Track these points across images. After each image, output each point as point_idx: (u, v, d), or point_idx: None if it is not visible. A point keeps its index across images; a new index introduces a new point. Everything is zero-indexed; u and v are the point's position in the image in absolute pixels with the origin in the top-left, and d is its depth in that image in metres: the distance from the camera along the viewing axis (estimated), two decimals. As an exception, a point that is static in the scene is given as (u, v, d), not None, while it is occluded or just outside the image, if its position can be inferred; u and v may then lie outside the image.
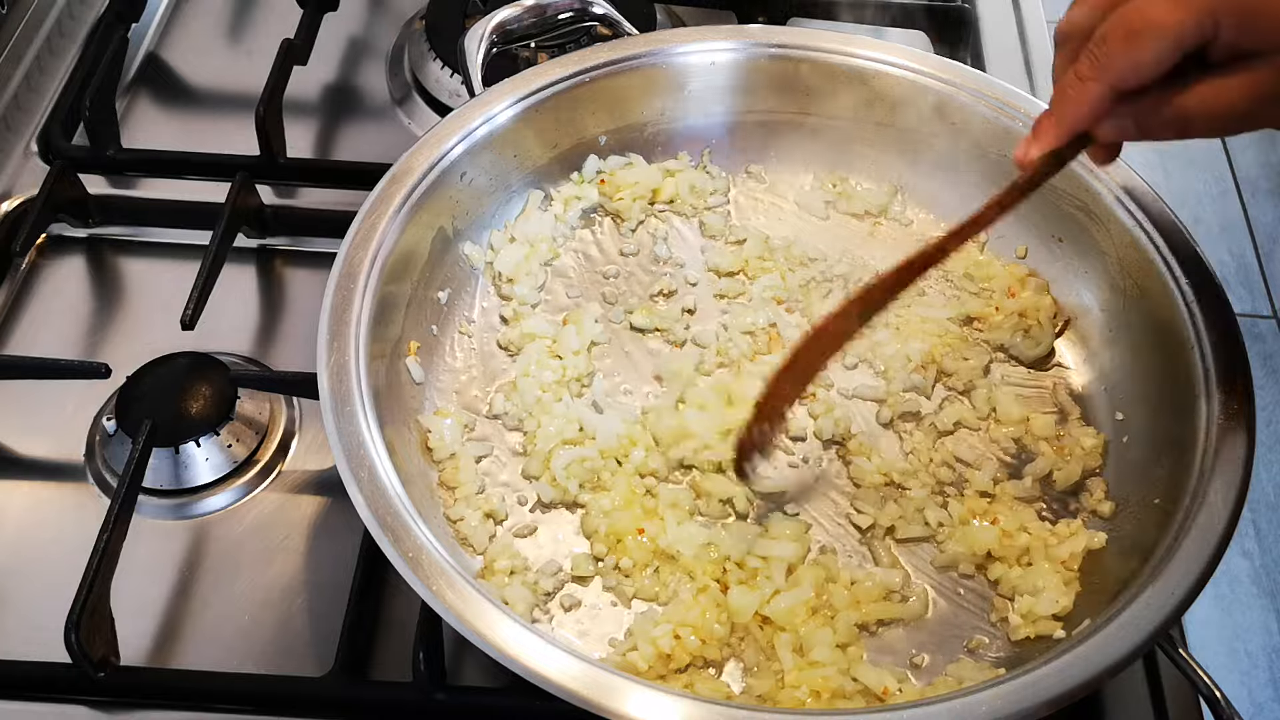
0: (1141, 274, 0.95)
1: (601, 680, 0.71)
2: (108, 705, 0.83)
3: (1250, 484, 0.81)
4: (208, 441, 0.94)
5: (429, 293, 0.99)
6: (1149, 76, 0.72)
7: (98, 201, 1.12)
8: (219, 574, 0.90)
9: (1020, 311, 1.02)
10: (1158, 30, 0.70)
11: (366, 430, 0.81)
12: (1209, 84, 0.72)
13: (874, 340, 1.01)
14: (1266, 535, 2.43)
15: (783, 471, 0.94)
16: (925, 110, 1.05)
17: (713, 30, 1.09)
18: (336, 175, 1.14)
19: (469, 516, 0.88)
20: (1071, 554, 0.87)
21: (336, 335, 0.86)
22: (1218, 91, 0.71)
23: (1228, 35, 0.70)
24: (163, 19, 1.33)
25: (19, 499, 0.95)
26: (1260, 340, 2.74)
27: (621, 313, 1.03)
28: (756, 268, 1.06)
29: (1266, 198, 3.01)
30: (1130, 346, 0.96)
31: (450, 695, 0.82)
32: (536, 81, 1.03)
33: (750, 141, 1.12)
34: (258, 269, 1.11)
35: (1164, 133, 0.75)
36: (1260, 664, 2.25)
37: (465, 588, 0.74)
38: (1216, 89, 0.71)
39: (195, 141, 1.17)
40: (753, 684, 0.82)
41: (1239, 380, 0.86)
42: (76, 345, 1.04)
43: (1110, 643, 0.73)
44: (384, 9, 1.36)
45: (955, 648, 0.85)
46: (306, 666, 0.85)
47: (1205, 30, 0.70)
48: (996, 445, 0.96)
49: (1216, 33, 0.70)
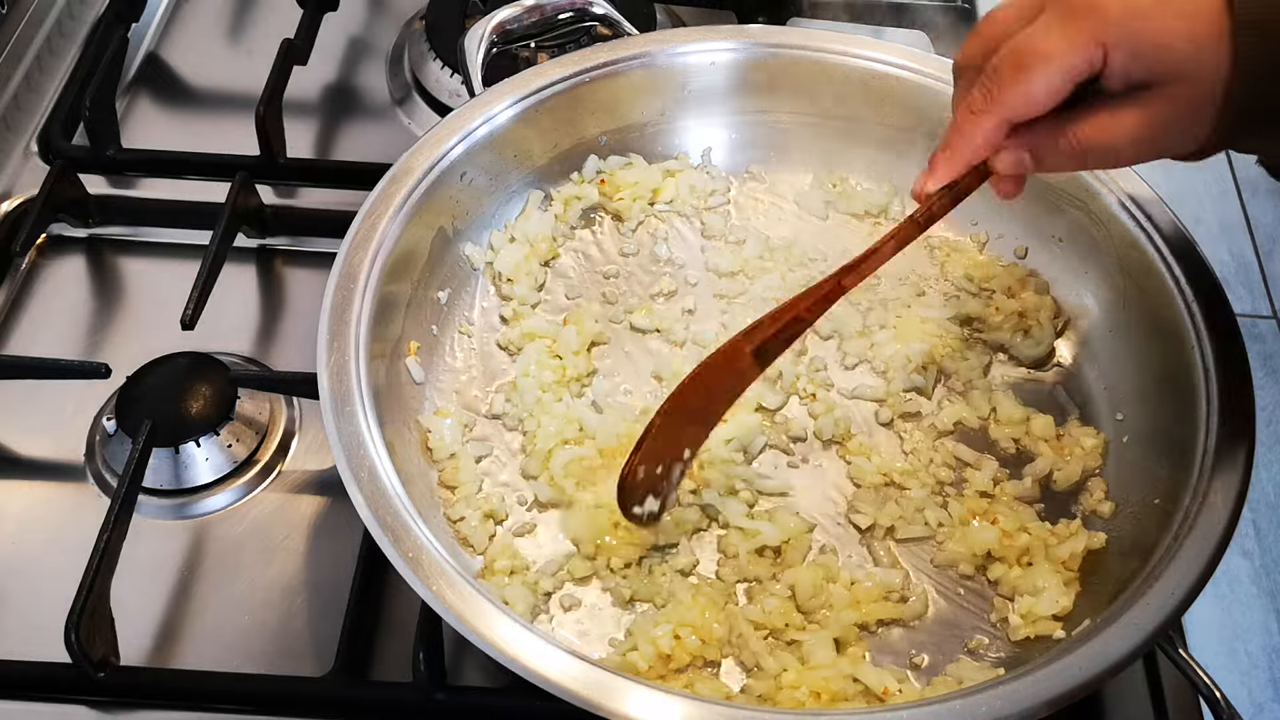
0: (1141, 274, 0.95)
1: (601, 680, 0.71)
2: (108, 705, 0.83)
3: (1250, 484, 0.81)
4: (208, 441, 0.94)
5: (429, 293, 0.99)
6: (1041, 107, 0.72)
7: (98, 201, 1.12)
8: (219, 574, 0.90)
9: (1020, 311, 1.02)
10: (1046, 60, 0.70)
11: (366, 430, 0.81)
12: (1104, 114, 0.71)
13: (874, 340, 1.01)
14: (1266, 535, 2.43)
15: (783, 471, 0.94)
16: (925, 110, 1.05)
17: (713, 30, 1.09)
18: (336, 175, 1.14)
19: (469, 516, 0.88)
20: (1071, 554, 0.87)
21: (336, 335, 0.86)
22: (1113, 122, 0.71)
23: (1118, 65, 0.69)
24: (163, 19, 1.33)
25: (19, 499, 0.95)
26: (1260, 340, 2.74)
27: (621, 313, 1.03)
28: (756, 268, 1.06)
29: (1266, 198, 3.00)
30: (1130, 347, 0.96)
31: (450, 695, 0.82)
32: (536, 81, 1.03)
33: (750, 141, 1.12)
34: (258, 269, 1.11)
35: (1062, 163, 0.75)
36: (1260, 664, 2.25)
37: (465, 588, 0.74)
38: (1112, 119, 0.71)
39: (195, 141, 1.17)
40: (753, 684, 0.82)
41: (1239, 380, 0.86)
42: (76, 345, 1.04)
43: (1110, 643, 0.73)
44: (384, 9, 1.36)
45: (955, 648, 0.85)
46: (306, 666, 0.85)
47: (1094, 60, 0.69)
48: (996, 445, 0.96)
49: (1106, 63, 0.69)
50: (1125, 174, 0.97)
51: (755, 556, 0.88)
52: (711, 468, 0.92)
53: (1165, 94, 0.69)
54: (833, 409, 0.97)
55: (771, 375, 0.98)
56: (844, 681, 0.80)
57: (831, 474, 0.94)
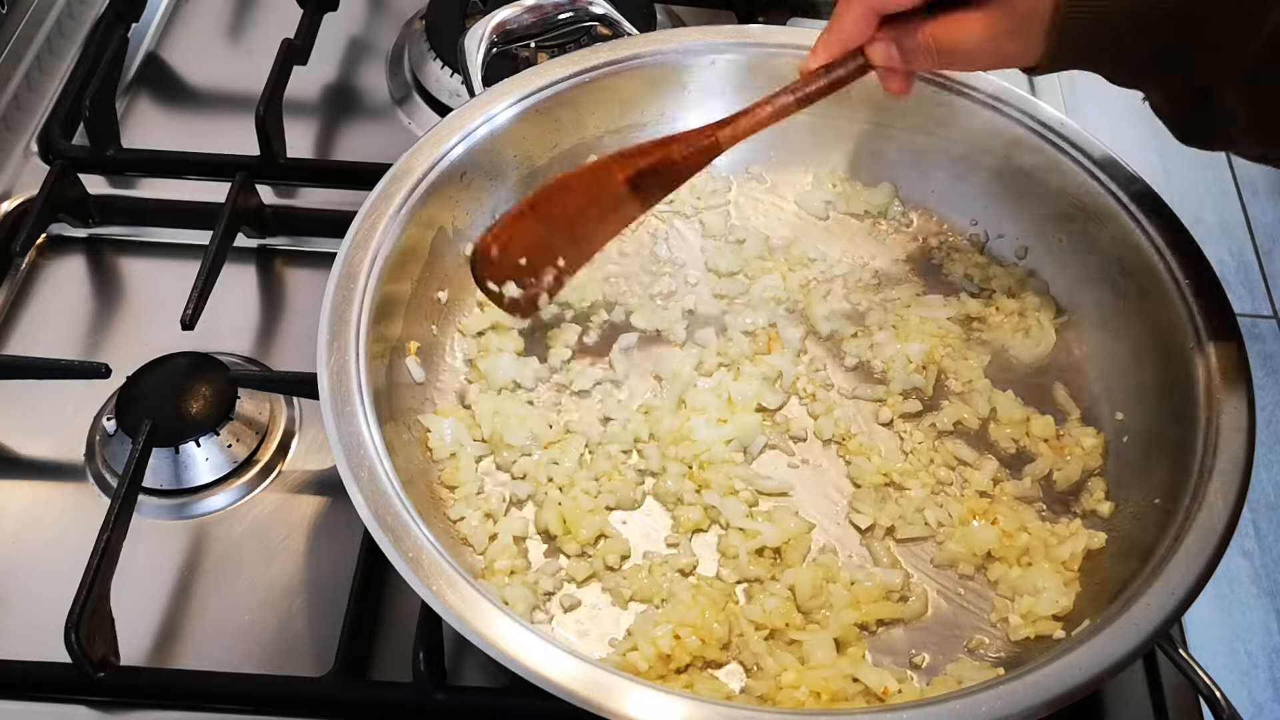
0: (1141, 274, 0.95)
1: (601, 680, 0.71)
2: (108, 705, 0.83)
3: (1250, 484, 0.81)
4: (208, 441, 0.94)
5: (429, 293, 0.98)
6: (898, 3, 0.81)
7: (98, 201, 1.12)
8: (219, 574, 0.90)
9: (1020, 311, 1.02)
10: None
11: (366, 430, 0.81)
12: (955, 16, 0.80)
13: (874, 340, 1.01)
14: (1266, 535, 2.43)
15: (783, 471, 0.94)
16: (924, 110, 1.05)
17: (713, 30, 1.09)
18: (336, 175, 1.14)
19: (469, 516, 0.88)
20: (1071, 554, 0.87)
21: (336, 335, 0.86)
22: (961, 24, 0.79)
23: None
24: (163, 19, 1.33)
25: (19, 499, 0.95)
26: (1260, 340, 2.74)
27: (622, 313, 1.03)
28: (756, 268, 1.06)
29: (1266, 198, 3.00)
30: (1130, 346, 0.96)
31: (450, 695, 0.82)
32: (536, 81, 1.03)
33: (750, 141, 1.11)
34: (258, 269, 1.11)
35: (921, 60, 0.83)
36: (1260, 664, 2.25)
37: (465, 588, 0.74)
38: (961, 21, 0.79)
39: (195, 141, 1.17)
40: (753, 684, 0.82)
41: (1239, 380, 0.86)
42: (76, 345, 1.04)
43: (1110, 643, 0.73)
44: (384, 9, 1.36)
45: (955, 648, 0.85)
46: (306, 666, 0.85)
47: None
48: (996, 445, 0.96)
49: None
50: (1125, 173, 0.97)
51: (755, 556, 0.88)
52: (711, 468, 0.92)
53: (1006, 5, 0.77)
54: (833, 409, 0.97)
55: (771, 375, 0.98)
56: (844, 681, 0.80)
57: (831, 474, 0.94)
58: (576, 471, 0.91)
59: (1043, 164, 1.01)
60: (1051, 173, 1.01)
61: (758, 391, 0.96)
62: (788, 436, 0.96)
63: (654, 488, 0.92)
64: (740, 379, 0.97)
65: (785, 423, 0.97)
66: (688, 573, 0.88)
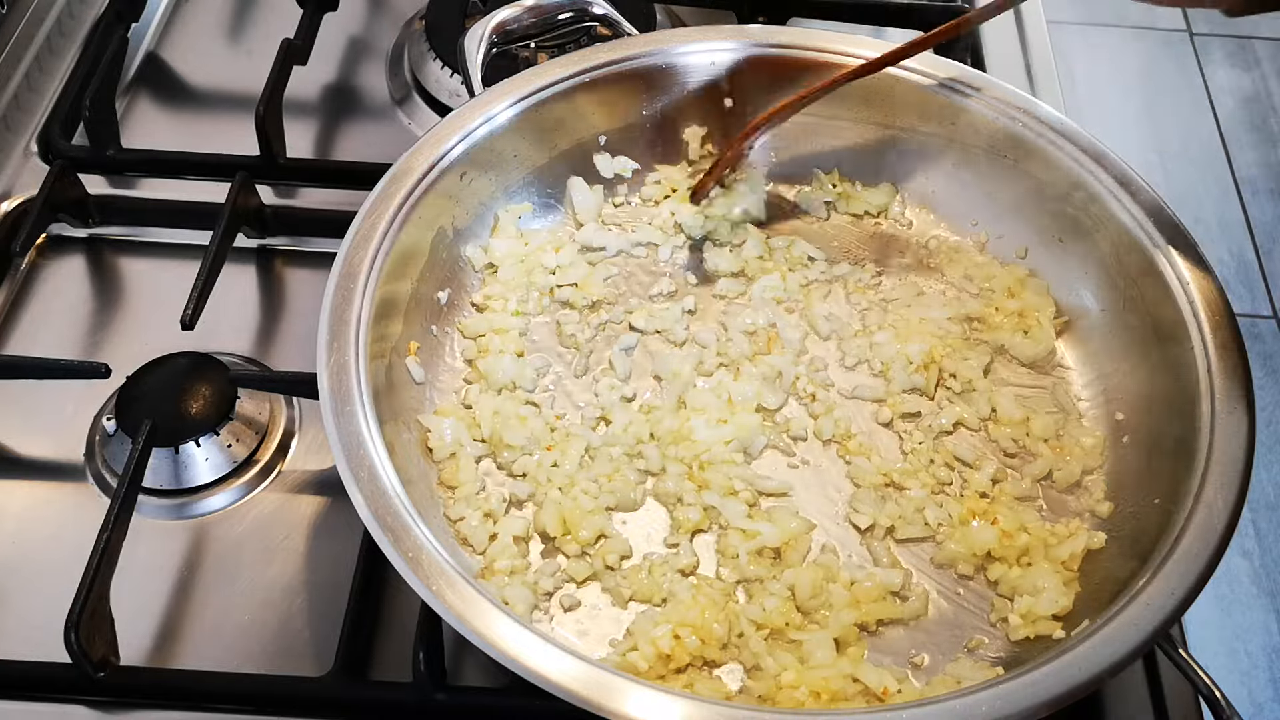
0: (1141, 274, 0.95)
1: (601, 680, 0.71)
2: (108, 705, 0.83)
3: (1250, 484, 0.81)
4: (207, 441, 0.94)
5: (429, 293, 0.98)
6: None
7: (98, 201, 1.12)
8: (219, 574, 0.90)
9: (1020, 311, 1.02)
10: None
11: (366, 430, 0.81)
12: None
13: (874, 340, 1.01)
14: (1266, 535, 2.43)
15: (783, 471, 0.94)
16: (925, 110, 1.05)
17: (713, 30, 1.09)
18: (336, 175, 1.14)
19: (469, 516, 0.88)
20: (1071, 554, 0.87)
21: (336, 335, 0.86)
22: None
23: None
24: (163, 19, 1.33)
25: (19, 499, 0.95)
26: (1260, 340, 2.74)
27: (622, 313, 1.03)
28: (756, 268, 1.06)
29: (1266, 198, 3.00)
30: (1130, 346, 0.96)
31: (450, 695, 0.82)
32: (536, 81, 1.03)
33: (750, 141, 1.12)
34: (258, 269, 1.11)
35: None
36: (1260, 664, 2.25)
37: (465, 588, 0.74)
38: None
39: (195, 141, 1.17)
40: (753, 684, 0.82)
41: (1239, 380, 0.86)
42: (76, 345, 1.04)
43: (1110, 643, 0.73)
44: (384, 9, 1.36)
45: (955, 648, 0.85)
46: (306, 666, 0.85)
47: None
48: (996, 445, 0.96)
49: None
50: (1125, 173, 0.97)
51: (755, 556, 0.88)
52: (711, 468, 0.92)
53: None
54: (833, 409, 0.97)
55: (771, 375, 0.98)
56: (844, 681, 0.80)
57: (831, 474, 0.94)
58: (576, 472, 0.91)
59: (1043, 164, 1.01)
60: (1051, 173, 1.01)
61: (758, 391, 0.96)
62: (788, 436, 0.96)
63: (654, 488, 0.92)
64: (740, 379, 0.97)
65: (785, 423, 0.97)
66: (688, 573, 0.88)
